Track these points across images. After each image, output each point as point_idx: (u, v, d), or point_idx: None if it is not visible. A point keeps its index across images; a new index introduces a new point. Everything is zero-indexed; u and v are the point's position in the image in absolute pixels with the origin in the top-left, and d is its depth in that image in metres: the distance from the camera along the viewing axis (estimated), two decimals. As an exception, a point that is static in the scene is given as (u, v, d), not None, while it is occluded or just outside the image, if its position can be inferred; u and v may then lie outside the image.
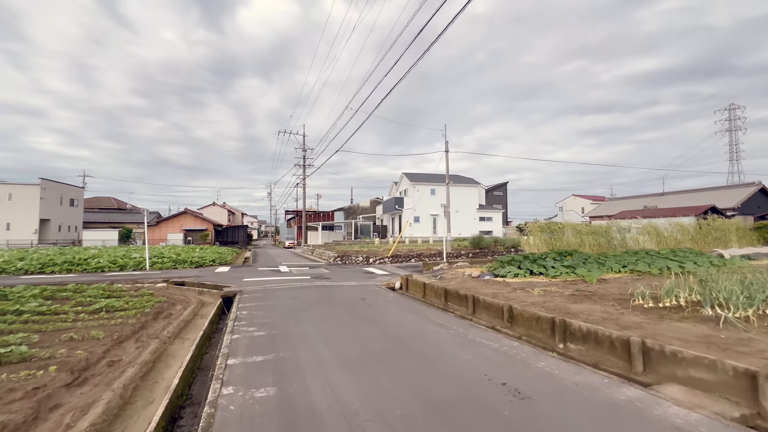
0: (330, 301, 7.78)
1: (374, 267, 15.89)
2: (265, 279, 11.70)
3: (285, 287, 9.86)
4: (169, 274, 13.67)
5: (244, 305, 7.37)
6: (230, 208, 66.23)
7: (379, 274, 13.30)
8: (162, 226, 40.30)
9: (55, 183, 38.74)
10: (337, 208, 51.00)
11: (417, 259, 18.53)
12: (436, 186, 37.29)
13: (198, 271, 14.56)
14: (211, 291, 10.15)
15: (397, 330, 5.38)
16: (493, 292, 7.44)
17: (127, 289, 10.09)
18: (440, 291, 8.00)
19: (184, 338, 5.77)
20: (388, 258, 18.02)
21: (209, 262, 17.91)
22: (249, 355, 4.26)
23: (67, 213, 40.56)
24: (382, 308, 7.08)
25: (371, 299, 8.03)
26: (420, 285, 9.05)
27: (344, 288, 9.75)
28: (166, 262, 16.67)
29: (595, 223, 16.77)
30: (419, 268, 15.11)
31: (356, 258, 18.36)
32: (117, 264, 15.90)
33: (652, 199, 40.40)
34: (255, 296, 8.45)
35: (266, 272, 13.91)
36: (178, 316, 7.34)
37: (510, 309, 5.80)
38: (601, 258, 10.56)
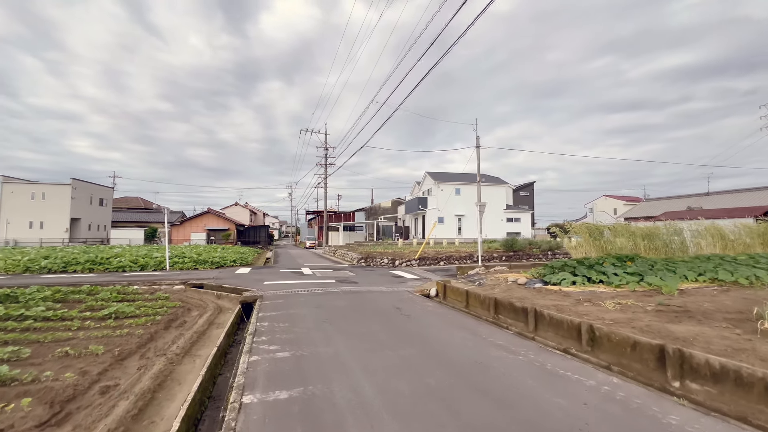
0: (361, 311, 6.80)
1: (401, 270, 14.86)
2: (287, 282, 10.88)
3: (309, 292, 8.97)
4: (189, 275, 13.09)
5: (265, 314, 6.49)
6: (252, 208, 66.75)
7: (408, 278, 12.26)
8: (186, 226, 40.65)
9: (85, 183, 39.73)
10: (358, 208, 50.28)
11: (446, 262, 17.37)
12: (461, 185, 35.90)
13: (218, 273, 13.94)
14: (229, 295, 9.39)
15: (451, 353, 4.32)
16: (554, 304, 6.27)
17: (143, 292, 9.46)
18: (488, 301, 6.88)
19: (196, 355, 4.92)
20: (415, 260, 16.95)
21: (230, 263, 17.37)
22: (270, 388, 3.32)
23: (96, 212, 41.56)
24: (424, 321, 6.04)
25: (408, 309, 7.00)
26: (461, 293, 7.94)
27: (374, 294, 8.76)
28: (186, 263, 16.21)
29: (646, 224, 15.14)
30: (451, 272, 13.96)
31: (381, 260, 17.38)
32: (138, 264, 15.55)
33: (695, 200, 37.54)
34: (276, 303, 7.58)
35: (288, 275, 13.12)
36: (192, 325, 6.55)
37: (591, 329, 4.63)
38: (669, 264, 9.13)
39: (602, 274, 8.42)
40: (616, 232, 13.15)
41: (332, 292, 8.99)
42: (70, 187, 36.83)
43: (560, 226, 14.72)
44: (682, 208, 37.04)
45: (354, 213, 49.00)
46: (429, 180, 37.30)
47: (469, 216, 35.58)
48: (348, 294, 8.70)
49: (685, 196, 40.71)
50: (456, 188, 35.67)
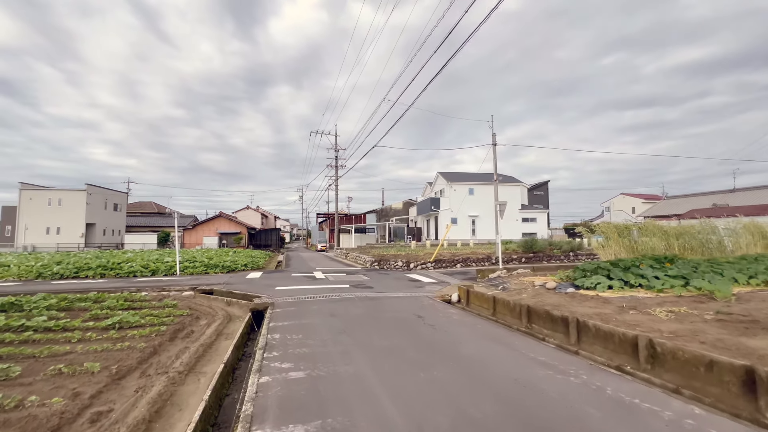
0: (381, 320, 6.26)
1: (417, 273, 14.28)
2: (299, 287, 10.42)
3: (322, 298, 8.48)
4: (199, 280, 12.76)
5: (276, 324, 6.01)
6: (263, 212, 66.99)
7: (425, 282, 11.68)
8: (198, 230, 40.81)
9: (100, 188, 40.25)
10: (369, 210, 49.86)
11: (463, 265, 16.72)
12: (474, 185, 35.14)
13: (229, 277, 13.59)
14: (239, 302, 8.95)
15: (489, 372, 3.75)
16: (595, 312, 5.64)
17: (151, 299, 9.10)
18: (519, 309, 6.26)
19: (201, 372, 4.45)
20: (430, 263, 16.35)
21: (241, 267, 17.05)
22: (282, 420, 2.80)
23: (111, 217, 42.06)
24: (451, 332, 5.47)
25: (431, 317, 6.44)
26: (487, 299, 7.34)
27: (392, 301, 8.22)
28: (197, 267, 15.93)
29: (672, 222, 14.25)
30: (470, 276, 13.33)
31: (395, 263, 16.83)
32: (149, 269, 15.32)
33: (721, 197, 35.98)
34: (288, 311, 7.10)
35: (300, 279, 12.68)
36: (199, 336, 6.10)
37: (650, 344, 4.00)
38: (714, 266, 8.36)
39: (641, 278, 7.71)
40: (646, 232, 12.34)
41: (347, 298, 8.47)
42: (85, 193, 37.31)
43: (587, 226, 13.95)
44: (707, 205, 35.52)
45: (365, 215, 48.58)
46: (441, 180, 36.62)
47: (483, 216, 34.78)
48: (364, 300, 8.17)
49: (709, 193, 39.11)
50: (469, 188, 34.92)
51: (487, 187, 35.44)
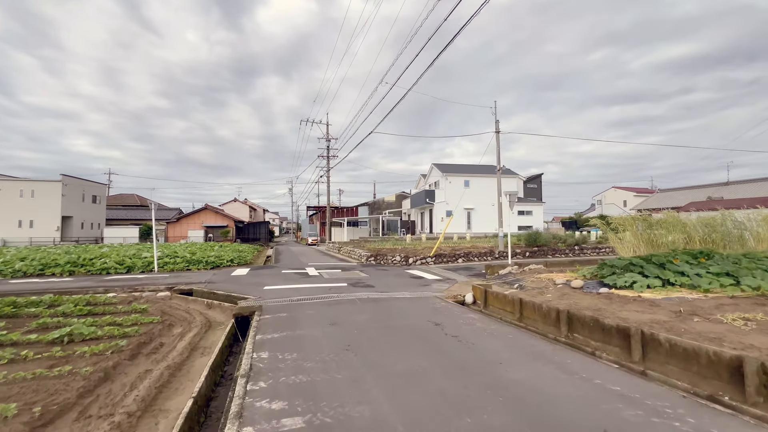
0: (392, 329, 5.21)
1: (418, 269, 13.27)
2: (291, 287, 9.29)
3: (318, 300, 7.38)
4: (178, 278, 11.50)
5: (264, 337, 4.89)
6: (252, 204, 65.15)
7: (430, 279, 10.67)
8: (182, 223, 39.07)
9: (76, 179, 38.06)
10: (361, 203, 48.66)
11: (465, 259, 15.78)
12: (470, 177, 34.24)
13: (212, 274, 12.36)
14: (222, 305, 7.79)
15: (564, 416, 2.72)
16: (648, 318, 4.68)
17: (118, 302, 7.87)
18: (557, 315, 5.27)
19: (162, 410, 3.32)
20: (430, 258, 15.36)
21: (226, 263, 15.78)
22: None
23: (89, 210, 39.94)
24: (481, 346, 4.45)
25: (450, 325, 5.41)
26: (511, 302, 6.34)
27: (400, 303, 7.17)
28: (178, 263, 14.62)
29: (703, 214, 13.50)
30: (475, 272, 12.38)
31: (393, 258, 15.79)
32: (124, 265, 13.96)
33: (715, 190, 35.89)
34: (279, 318, 5.98)
35: (291, 276, 11.53)
36: (168, 351, 4.96)
37: (764, 369, 3.03)
38: (756, 261, 7.52)
39: (680, 275, 6.82)
40: (664, 224, 11.54)
41: (347, 300, 7.39)
42: (61, 184, 35.15)
43: (603, 218, 13.09)
44: (702, 198, 35.37)
45: (357, 208, 47.40)
46: (436, 172, 35.61)
47: (479, 209, 34.00)
48: (367, 303, 7.09)
49: (703, 186, 39.04)
50: (465, 180, 34.02)
51: (483, 179, 34.62)
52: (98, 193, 41.92)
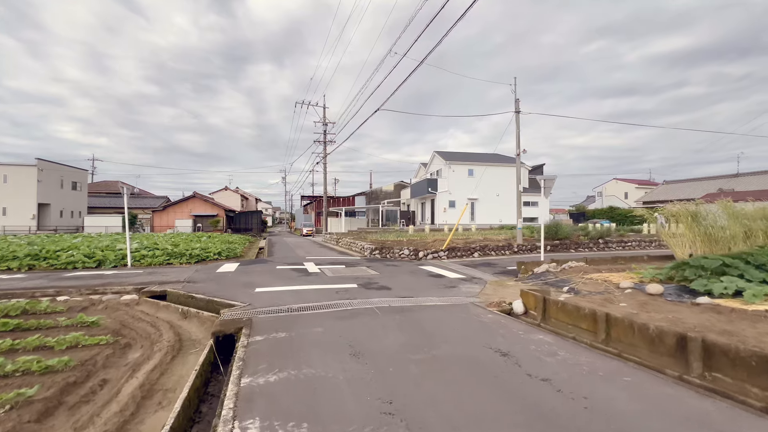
0: (440, 363, 3.56)
1: (432, 265, 11.65)
2: (288, 288, 7.59)
3: (326, 311, 5.69)
4: (153, 275, 9.72)
5: (254, 382, 3.18)
6: (243, 193, 62.86)
7: (452, 278, 9.05)
8: (169, 212, 36.92)
9: (54, 164, 35.59)
10: (358, 192, 46.82)
11: (481, 253, 14.20)
12: (474, 166, 32.60)
13: (194, 270, 10.59)
14: (201, 314, 6.06)
15: None
16: None
17: (65, 311, 6.10)
18: (679, 342, 3.65)
19: None
20: (443, 251, 13.75)
21: (213, 256, 14.00)
22: None
23: (69, 197, 37.54)
24: (594, 400, 2.82)
25: (520, 354, 3.78)
26: (589, 317, 4.71)
27: (431, 313, 5.52)
28: (157, 256, 12.81)
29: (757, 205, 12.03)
30: (499, 268, 10.78)
31: (400, 251, 14.15)
32: (94, 259, 12.11)
33: (725, 181, 34.79)
34: (276, 342, 4.28)
35: (288, 274, 9.82)
36: (108, 399, 3.25)
37: None
38: None
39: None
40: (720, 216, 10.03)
41: (363, 309, 5.71)
42: (36, 169, 32.73)
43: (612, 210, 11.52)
44: (711, 189, 34.26)
45: (353, 197, 45.59)
46: (438, 160, 33.87)
47: (483, 200, 32.46)
48: (390, 314, 5.43)
49: (711, 178, 37.94)
50: (469, 169, 32.37)
51: (487, 167, 33.01)
52: (78, 180, 39.44)
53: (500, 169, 33.18)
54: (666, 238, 9.59)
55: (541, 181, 9.54)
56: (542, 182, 9.56)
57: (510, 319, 5.36)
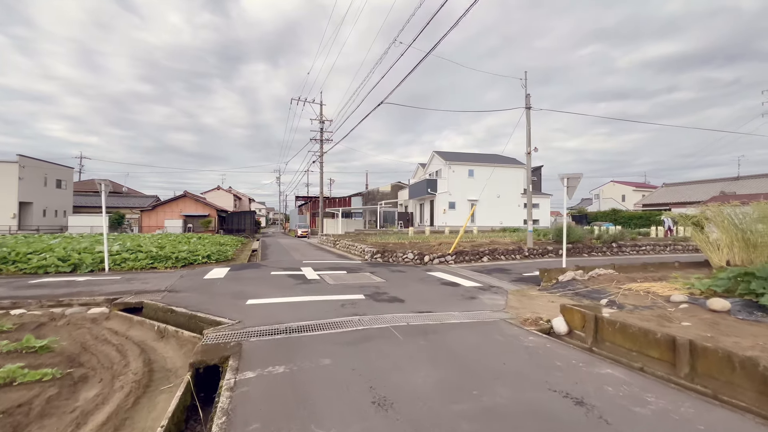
0: (495, 419, 2.59)
1: (441, 271, 10.73)
2: (285, 300, 6.59)
3: (332, 331, 4.72)
4: (131, 282, 8.64)
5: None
6: (236, 193, 61.45)
7: (468, 286, 8.12)
8: (158, 212, 35.57)
9: (37, 161, 34.06)
10: (355, 193, 45.81)
11: (490, 258, 13.31)
12: (475, 166, 31.82)
13: (179, 277, 9.53)
14: (180, 334, 5.04)
15: None
16: None
17: (12, 329, 5.06)
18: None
19: None
20: (450, 255, 12.84)
21: (202, 259, 12.91)
22: None
23: (53, 195, 36.00)
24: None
25: (597, 400, 2.85)
26: (664, 344, 3.78)
27: (460, 336, 4.57)
28: (140, 260, 11.70)
29: None
30: (514, 274, 9.88)
31: (404, 255, 13.20)
32: (69, 262, 10.96)
33: (726, 184, 34.44)
34: (275, 379, 3.30)
35: (284, 281, 8.82)
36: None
37: None
38: None
39: None
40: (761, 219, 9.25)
41: (377, 331, 4.74)
42: (17, 165, 31.19)
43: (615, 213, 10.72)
44: (712, 192, 33.87)
45: (350, 198, 44.58)
46: (438, 160, 33.02)
47: (484, 201, 31.67)
48: (413, 338, 4.46)
49: (711, 181, 37.60)
50: (469, 170, 31.58)
51: (488, 168, 32.25)
52: (63, 178, 37.88)
53: (501, 169, 32.43)
54: (700, 243, 8.77)
55: (564, 180, 8.66)
56: (565, 181, 8.67)
57: (556, 343, 4.43)
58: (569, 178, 8.63)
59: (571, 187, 8.63)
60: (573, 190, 8.64)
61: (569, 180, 8.64)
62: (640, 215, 29.03)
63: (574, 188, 8.61)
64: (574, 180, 8.55)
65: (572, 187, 8.62)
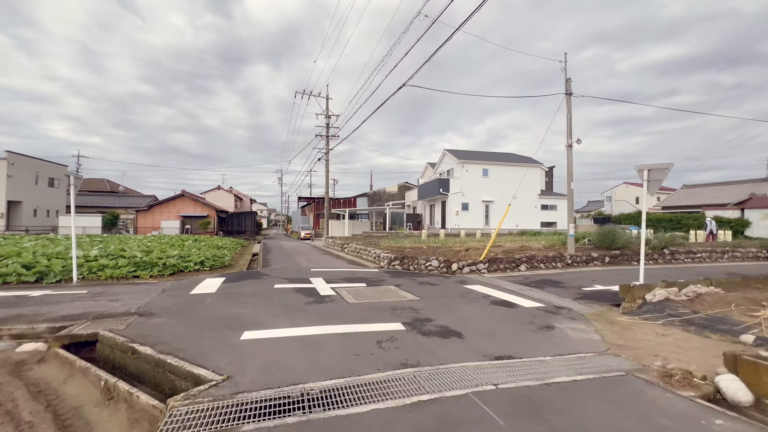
0: None
1: (479, 283, 8.92)
2: (294, 333, 4.79)
3: (379, 403, 2.92)
4: (98, 299, 6.84)
5: None
6: (237, 193, 59.73)
7: (527, 307, 6.29)
8: (155, 212, 33.83)
9: (28, 158, 32.38)
10: (360, 193, 44.01)
11: (528, 266, 11.48)
12: (489, 165, 29.98)
13: (161, 291, 7.73)
14: (134, 398, 3.22)
15: None
16: None
17: None
18: None
19: None
20: (482, 263, 11.02)
21: (194, 266, 11.12)
22: None
23: (44, 195, 34.30)
24: None
25: None
26: None
27: (587, 410, 2.76)
28: (121, 267, 9.93)
29: None
30: (575, 289, 8.03)
31: (426, 263, 11.39)
32: (35, 269, 9.20)
33: (754, 185, 32.51)
34: None
35: (291, 299, 7.02)
36: None
37: None
38: None
39: None
40: None
41: (452, 401, 2.94)
42: (6, 162, 29.51)
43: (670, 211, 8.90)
44: (738, 194, 31.91)
45: (355, 199, 42.80)
46: (450, 159, 31.21)
47: (498, 202, 29.85)
48: (520, 418, 2.66)
49: (737, 182, 35.61)
50: (483, 169, 29.74)
51: (503, 167, 30.45)
52: (56, 176, 36.16)
53: (517, 169, 30.61)
54: None
55: (644, 173, 6.85)
56: (645, 173, 6.85)
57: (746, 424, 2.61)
58: (651, 169, 6.82)
59: (654, 180, 6.81)
60: (656, 185, 6.82)
61: (651, 173, 6.83)
62: (669, 218, 27.14)
63: (658, 182, 6.80)
64: (660, 172, 6.74)
65: (655, 180, 6.81)
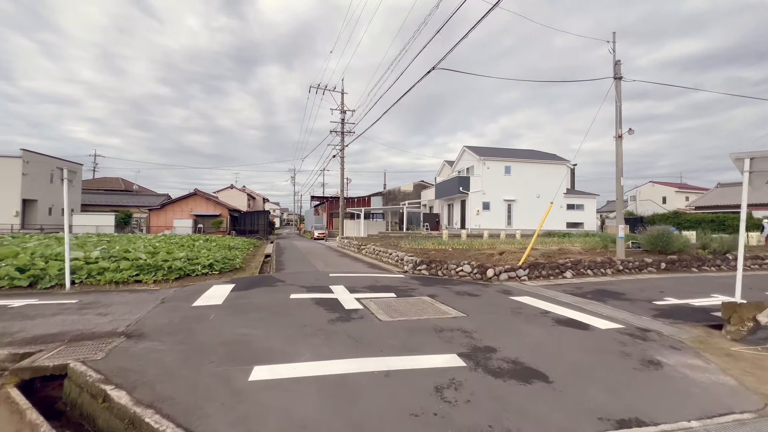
0: None
1: (527, 294, 7.66)
2: (318, 372, 3.68)
3: None
4: (87, 312, 5.86)
5: None
6: (250, 192, 59.37)
7: (605, 329, 5.03)
8: (167, 211, 33.41)
9: (43, 156, 32.31)
10: (374, 192, 42.92)
11: (573, 272, 10.13)
12: (512, 163, 28.47)
13: (159, 302, 6.73)
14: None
15: None
16: None
17: None
18: None
19: None
20: (521, 269, 9.73)
21: (201, 270, 10.16)
22: None
23: (59, 193, 34.21)
24: None
25: None
26: None
27: None
28: (123, 270, 9.02)
29: None
30: (644, 302, 6.69)
31: (457, 268, 10.18)
32: (29, 273, 8.36)
33: (801, 184, 30.33)
34: None
35: (311, 317, 5.91)
36: None
37: None
38: None
39: None
40: None
41: None
42: (21, 161, 29.41)
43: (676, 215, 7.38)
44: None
45: (369, 198, 41.72)
46: (469, 156, 29.80)
47: (521, 201, 28.29)
48: None
49: (779, 181, 33.32)
50: (506, 166, 28.24)
51: (526, 165, 28.90)
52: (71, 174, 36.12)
53: (541, 167, 29.04)
54: None
55: (745, 162, 5.52)
56: (746, 164, 5.50)
57: None
58: (755, 158, 5.48)
59: (760, 172, 5.48)
60: (764, 177, 5.49)
61: (754, 162, 5.49)
62: (711, 218, 25.18)
63: (765, 174, 5.46)
64: (766, 161, 5.40)
65: (761, 172, 5.47)
